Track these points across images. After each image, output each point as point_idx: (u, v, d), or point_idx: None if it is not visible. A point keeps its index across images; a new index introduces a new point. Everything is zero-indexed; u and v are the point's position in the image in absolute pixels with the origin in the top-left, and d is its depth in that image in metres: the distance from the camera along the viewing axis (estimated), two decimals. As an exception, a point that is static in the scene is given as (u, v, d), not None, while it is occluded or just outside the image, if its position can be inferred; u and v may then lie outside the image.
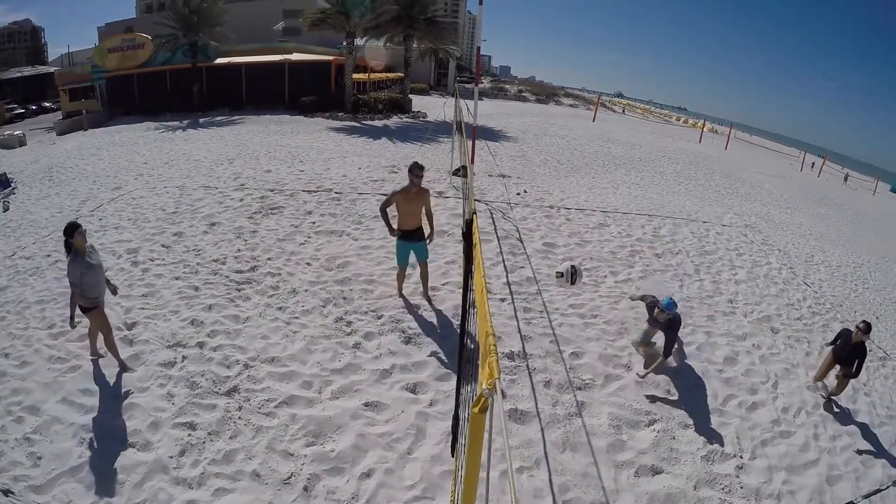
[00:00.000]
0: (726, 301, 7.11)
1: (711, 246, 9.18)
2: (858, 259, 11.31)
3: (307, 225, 8.22)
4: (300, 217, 8.52)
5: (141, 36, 25.61)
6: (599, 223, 9.40)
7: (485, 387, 1.73)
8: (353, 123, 20.59)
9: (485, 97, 40.93)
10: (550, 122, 27.21)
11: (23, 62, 59.00)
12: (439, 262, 7.11)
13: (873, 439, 4.90)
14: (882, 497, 4.21)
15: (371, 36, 24.05)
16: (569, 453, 4.16)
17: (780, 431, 4.74)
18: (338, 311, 5.83)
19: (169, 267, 6.71)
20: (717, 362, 5.63)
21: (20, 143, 19.80)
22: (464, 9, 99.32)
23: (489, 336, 1.93)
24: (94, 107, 25.16)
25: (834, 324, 7.12)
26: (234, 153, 13.51)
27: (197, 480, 3.66)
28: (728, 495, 3.99)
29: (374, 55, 30.69)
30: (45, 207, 9.54)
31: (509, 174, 12.67)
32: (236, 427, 4.14)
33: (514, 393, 4.75)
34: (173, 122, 20.30)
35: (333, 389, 4.63)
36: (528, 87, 65.22)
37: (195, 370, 4.74)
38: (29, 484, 3.56)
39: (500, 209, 9.51)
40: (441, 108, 24.24)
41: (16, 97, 40.08)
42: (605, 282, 7.12)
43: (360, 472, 3.83)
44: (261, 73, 25.13)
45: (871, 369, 6.13)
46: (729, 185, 16.88)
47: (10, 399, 4.34)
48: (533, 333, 5.67)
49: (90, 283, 4.48)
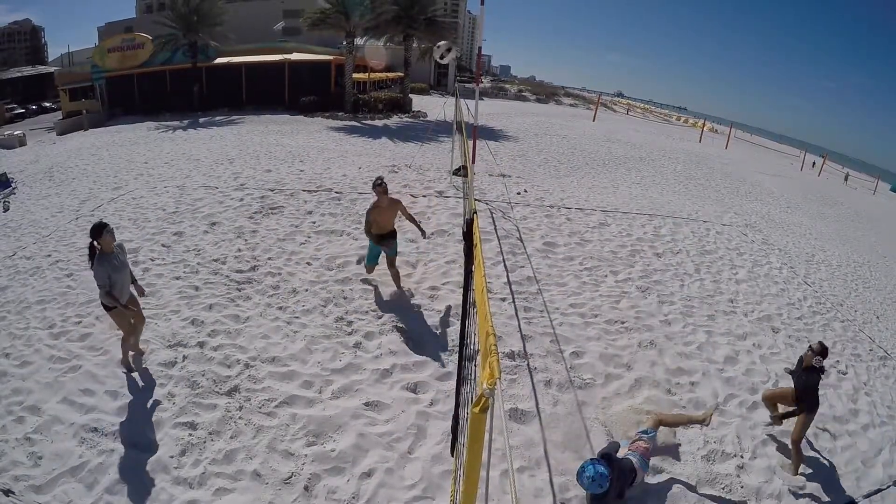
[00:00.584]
0: (727, 300, 7.10)
1: (712, 245, 9.18)
2: (859, 258, 11.30)
3: (307, 225, 8.22)
4: (300, 217, 8.52)
5: (141, 36, 25.60)
6: (600, 222, 9.40)
7: (485, 387, 1.73)
8: (354, 123, 20.59)
9: (485, 97, 40.89)
10: (551, 121, 27.20)
11: (23, 62, 59.02)
12: (439, 262, 7.11)
13: (874, 439, 4.90)
14: (882, 497, 4.21)
15: (371, 36, 24.05)
16: (569, 453, 4.16)
17: (781, 431, 4.74)
18: (338, 311, 5.83)
19: (169, 267, 6.71)
20: (718, 361, 5.63)
21: (20, 143, 19.80)
22: (464, 9, 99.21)
23: (490, 336, 1.93)
24: (94, 107, 25.15)
25: (834, 323, 7.12)
26: (234, 153, 13.51)
27: (198, 480, 3.66)
28: (729, 495, 3.98)
29: (374, 55, 30.67)
30: (46, 207, 9.54)
31: (510, 174, 12.67)
32: (237, 427, 4.14)
33: (515, 392, 4.75)
34: (173, 122, 20.29)
35: (334, 389, 4.63)
36: (529, 86, 65.19)
37: (196, 370, 4.74)
38: (29, 484, 3.56)
39: (500, 209, 9.51)
40: (441, 108, 24.23)
41: (16, 97, 40.08)
42: (606, 281, 7.12)
43: (360, 472, 3.83)
44: (261, 73, 25.12)
45: (871, 369, 6.13)
46: (729, 184, 16.87)
47: (10, 399, 4.34)
48: (533, 333, 5.67)
49: (118, 283, 4.38)
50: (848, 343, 6.63)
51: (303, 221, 8.33)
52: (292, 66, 25.21)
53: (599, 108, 37.04)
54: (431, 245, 7.68)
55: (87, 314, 5.59)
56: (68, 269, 6.72)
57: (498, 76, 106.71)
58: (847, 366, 6.05)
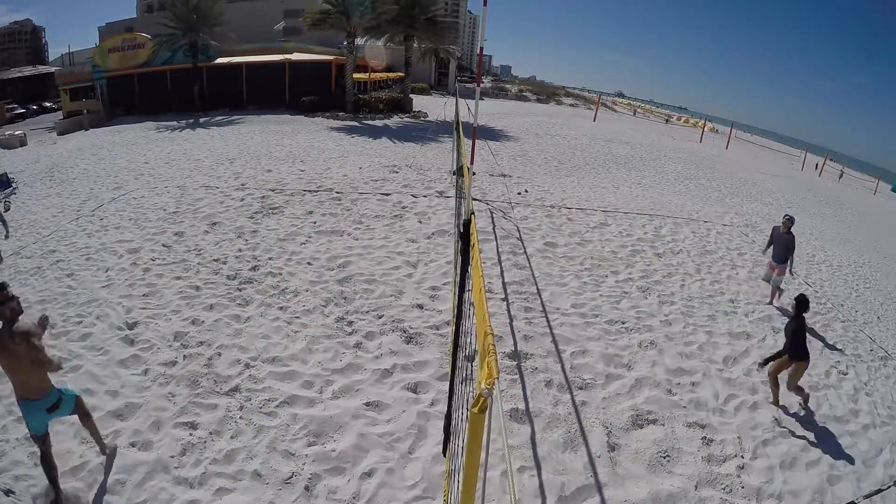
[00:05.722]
0: (727, 300, 7.10)
1: (713, 245, 9.17)
2: (859, 259, 11.29)
3: (308, 225, 8.22)
4: (301, 217, 8.53)
5: (141, 36, 25.61)
6: (600, 223, 9.40)
7: (483, 386, 1.73)
8: (354, 123, 20.59)
9: (486, 97, 40.90)
10: (551, 121, 27.20)
11: (23, 62, 59.09)
12: (440, 262, 7.11)
13: (874, 439, 4.89)
14: (883, 497, 4.21)
15: (371, 36, 24.06)
16: (569, 453, 4.16)
17: (782, 431, 4.74)
18: (339, 311, 5.83)
19: (170, 266, 6.72)
20: (718, 361, 5.63)
21: (21, 143, 19.80)
22: (464, 8, 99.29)
23: (488, 335, 1.93)
24: (95, 107, 25.15)
25: (835, 323, 7.11)
26: (234, 153, 13.52)
27: (198, 480, 3.66)
28: (729, 495, 3.98)
29: (375, 55, 30.70)
30: (46, 207, 9.55)
31: (510, 174, 12.67)
32: (237, 427, 4.14)
33: (515, 393, 4.75)
34: (174, 122, 20.31)
35: (334, 389, 4.63)
36: (529, 86, 65.12)
37: (196, 370, 4.75)
38: (30, 484, 3.56)
39: (500, 209, 9.51)
40: (442, 108, 24.24)
41: (16, 97, 40.09)
42: (606, 281, 7.11)
43: (361, 472, 3.83)
44: (261, 73, 25.13)
45: (872, 369, 6.12)
46: (730, 184, 16.86)
47: (10, 399, 4.33)
48: (533, 333, 5.67)
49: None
50: (849, 343, 6.62)
51: (303, 221, 8.34)
52: (293, 66, 25.22)
53: (600, 109, 37.02)
54: (432, 245, 7.68)
55: (88, 314, 5.60)
56: (69, 269, 6.72)
57: (498, 76, 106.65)
58: (848, 366, 6.04)
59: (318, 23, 22.01)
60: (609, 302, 6.54)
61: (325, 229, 8.06)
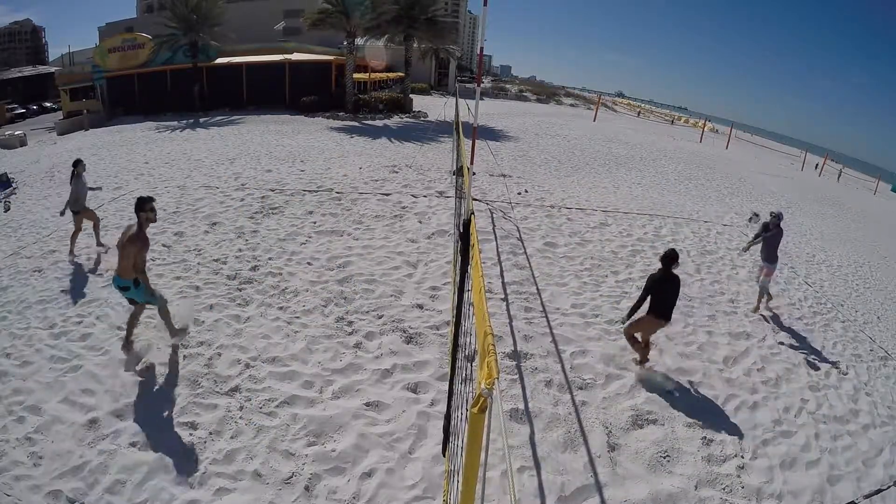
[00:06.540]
0: (727, 300, 7.10)
1: (713, 245, 9.18)
2: (860, 258, 11.29)
3: (308, 225, 8.22)
4: (301, 217, 8.53)
5: (141, 36, 25.63)
6: (600, 223, 9.40)
7: (483, 386, 1.73)
8: (354, 123, 20.60)
9: (486, 97, 40.90)
10: (551, 121, 27.20)
11: (23, 62, 59.15)
12: (440, 262, 7.11)
13: (874, 439, 4.89)
14: (883, 497, 4.21)
15: (372, 36, 24.06)
16: (569, 453, 4.16)
17: (782, 431, 4.74)
18: (339, 311, 5.83)
19: (170, 266, 6.72)
20: (718, 361, 5.63)
21: (21, 143, 19.82)
22: (464, 9, 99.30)
23: (488, 335, 1.93)
24: (95, 107, 25.18)
25: (835, 323, 7.11)
26: (234, 153, 13.52)
27: (198, 480, 3.66)
28: (729, 495, 3.98)
29: (375, 55, 30.71)
30: (46, 207, 9.56)
31: (510, 174, 12.67)
32: (237, 427, 4.14)
33: (515, 393, 4.75)
34: (174, 122, 20.31)
35: (334, 389, 4.63)
36: (529, 86, 65.11)
37: (196, 369, 4.75)
38: (30, 484, 3.56)
39: (500, 209, 9.51)
40: (442, 108, 24.24)
41: (16, 97, 40.13)
42: (607, 281, 7.11)
43: (361, 472, 3.83)
44: (261, 73, 25.14)
45: (872, 370, 6.12)
46: (730, 184, 16.86)
47: (11, 399, 4.34)
48: (534, 333, 5.67)
49: None
50: (849, 343, 6.62)
51: (303, 221, 8.34)
52: (293, 66, 25.23)
53: (600, 109, 37.03)
54: (432, 245, 7.68)
55: (88, 314, 5.60)
56: (69, 268, 6.72)
57: (499, 76, 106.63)
58: (848, 366, 6.04)
59: (318, 23, 22.02)
60: (609, 302, 6.54)
61: (325, 229, 8.06)
